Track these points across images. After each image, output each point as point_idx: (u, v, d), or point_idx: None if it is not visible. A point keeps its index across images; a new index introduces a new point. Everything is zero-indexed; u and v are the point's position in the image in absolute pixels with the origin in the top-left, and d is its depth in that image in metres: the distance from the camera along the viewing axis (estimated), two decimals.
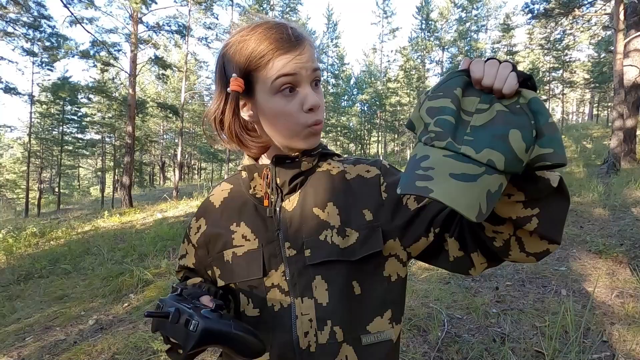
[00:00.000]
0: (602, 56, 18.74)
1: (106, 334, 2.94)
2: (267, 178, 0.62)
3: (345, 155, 0.70)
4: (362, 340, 0.58)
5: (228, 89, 0.57)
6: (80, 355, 2.58)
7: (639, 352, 1.97)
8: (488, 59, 0.43)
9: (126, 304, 3.58)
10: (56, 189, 21.96)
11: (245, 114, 0.60)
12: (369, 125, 30.48)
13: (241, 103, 0.60)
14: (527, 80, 0.42)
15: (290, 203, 0.62)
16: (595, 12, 10.73)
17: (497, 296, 2.82)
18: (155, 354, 2.42)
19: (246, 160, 0.66)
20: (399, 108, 25.74)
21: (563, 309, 2.28)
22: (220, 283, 0.64)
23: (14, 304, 4.02)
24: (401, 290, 0.63)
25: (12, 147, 33.73)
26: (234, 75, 0.56)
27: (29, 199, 17.10)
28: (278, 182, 0.61)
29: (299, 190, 0.63)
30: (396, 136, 27.89)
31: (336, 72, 28.05)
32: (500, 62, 0.42)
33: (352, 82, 30.64)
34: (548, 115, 0.41)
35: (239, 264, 0.61)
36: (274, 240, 0.60)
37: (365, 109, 29.26)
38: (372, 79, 30.09)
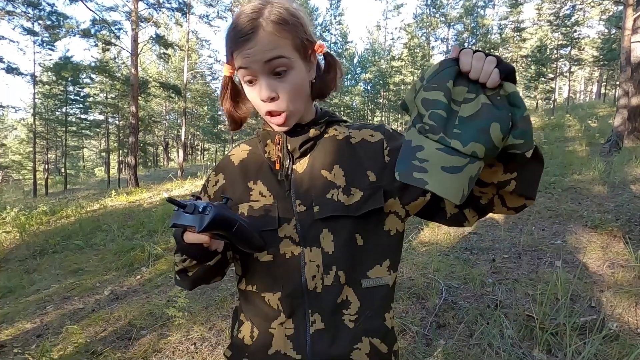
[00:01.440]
0: (612, 32, 18.28)
1: (122, 303, 3.12)
2: (279, 144, 0.69)
3: (350, 121, 0.76)
4: (362, 284, 0.67)
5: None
6: (99, 322, 2.75)
7: (624, 315, 2.10)
8: (475, 52, 0.49)
9: (139, 277, 3.75)
10: (62, 170, 22.18)
11: None
12: (372, 105, 30.21)
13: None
14: (509, 75, 0.49)
15: (301, 166, 0.69)
16: None
17: (493, 267, 2.95)
18: (170, 319, 2.58)
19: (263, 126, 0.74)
20: (402, 87, 25.43)
21: (555, 277, 2.40)
22: None
23: (32, 276, 4.22)
24: (399, 242, 0.72)
25: (16, 129, 33.87)
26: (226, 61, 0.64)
27: (36, 179, 17.34)
28: (289, 147, 0.69)
29: (309, 155, 0.70)
30: (399, 116, 27.68)
31: (339, 50, 27.59)
32: (486, 56, 0.48)
33: (355, 60, 30.15)
34: (524, 109, 0.48)
35: (255, 216, 0.69)
36: (286, 198, 0.68)
37: (369, 88, 28.92)
38: (376, 57, 29.59)
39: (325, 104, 0.94)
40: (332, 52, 0.72)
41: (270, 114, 0.63)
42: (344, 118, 0.76)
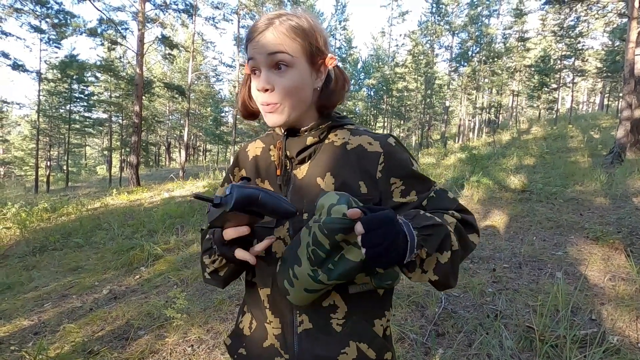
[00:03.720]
0: (616, 44, 18.32)
1: (120, 302, 3.11)
2: (280, 150, 0.70)
3: (357, 125, 0.75)
4: (349, 289, 0.67)
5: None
6: (96, 321, 2.74)
7: (624, 329, 2.09)
8: (366, 228, 0.51)
9: (137, 276, 3.75)
10: (64, 167, 22.23)
11: None
12: (375, 111, 30.26)
13: None
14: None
15: (301, 172, 0.70)
16: None
17: (493, 277, 2.93)
18: (168, 320, 2.57)
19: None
20: (405, 93, 25.47)
21: (555, 289, 2.39)
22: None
23: (31, 273, 4.21)
24: None
25: (19, 125, 33.97)
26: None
27: (38, 176, 17.37)
28: (288, 154, 0.70)
29: (309, 162, 0.70)
30: (402, 122, 27.72)
31: (344, 55, 27.68)
32: (365, 237, 0.51)
33: (359, 66, 30.26)
34: (388, 281, 0.63)
35: None
36: None
37: (372, 93, 28.98)
38: (380, 63, 29.69)
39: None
40: (340, 65, 0.73)
41: (264, 104, 0.65)
42: (350, 121, 0.75)
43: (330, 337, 0.67)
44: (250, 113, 0.75)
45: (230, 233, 0.60)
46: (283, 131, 0.70)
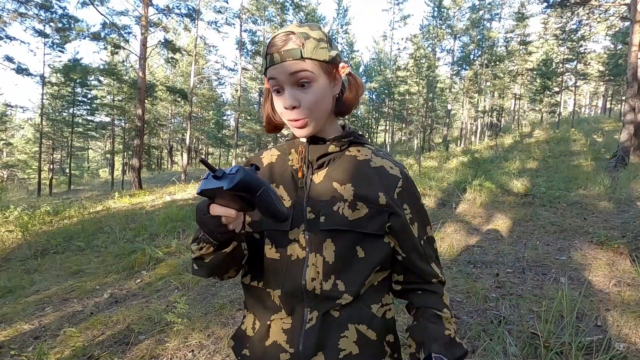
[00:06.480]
0: (618, 48, 18.28)
1: (121, 306, 3.10)
2: (302, 154, 0.74)
3: (375, 147, 0.81)
4: (360, 291, 0.71)
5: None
6: (97, 325, 2.73)
7: (630, 335, 2.06)
8: None
9: (139, 280, 3.74)
10: (67, 170, 22.33)
11: None
12: (377, 114, 30.28)
13: None
14: None
15: (319, 177, 0.74)
16: (613, 2, 10.46)
17: (497, 282, 2.90)
18: (168, 325, 2.56)
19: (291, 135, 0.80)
20: (407, 97, 25.48)
21: (560, 294, 2.36)
22: (248, 230, 0.76)
23: (32, 277, 4.21)
24: (393, 249, 0.76)
25: (23, 128, 34.14)
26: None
27: (41, 179, 17.44)
28: (309, 158, 0.74)
29: (327, 167, 0.75)
30: (404, 125, 27.71)
31: (345, 59, 27.75)
32: None
33: (361, 69, 30.33)
34: None
35: None
36: (300, 204, 0.72)
37: (374, 97, 29.02)
38: (382, 67, 29.74)
39: None
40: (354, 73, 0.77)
41: (292, 120, 0.69)
42: (368, 141, 0.81)
43: (330, 325, 0.69)
44: (275, 126, 0.79)
45: (217, 209, 0.58)
46: (307, 140, 0.75)
